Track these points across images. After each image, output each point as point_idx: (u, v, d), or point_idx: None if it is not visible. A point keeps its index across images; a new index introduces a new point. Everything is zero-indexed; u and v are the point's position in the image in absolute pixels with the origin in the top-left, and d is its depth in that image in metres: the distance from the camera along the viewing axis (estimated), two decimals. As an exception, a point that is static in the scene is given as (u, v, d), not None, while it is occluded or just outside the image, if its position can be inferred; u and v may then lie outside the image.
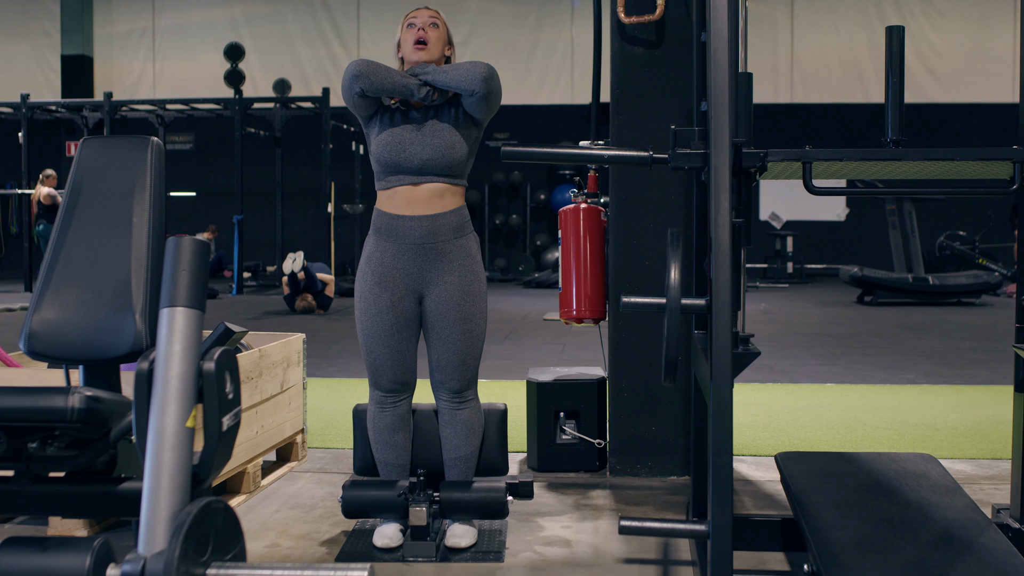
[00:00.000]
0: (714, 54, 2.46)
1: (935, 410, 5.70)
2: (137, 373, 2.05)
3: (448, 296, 3.26)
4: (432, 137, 3.23)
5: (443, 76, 3.22)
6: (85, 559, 1.98)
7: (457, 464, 3.35)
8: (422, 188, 3.24)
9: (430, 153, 3.22)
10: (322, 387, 6.43)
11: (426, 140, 3.23)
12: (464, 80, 3.19)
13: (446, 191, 3.26)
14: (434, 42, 3.28)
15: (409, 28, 3.31)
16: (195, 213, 19.83)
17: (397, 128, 3.26)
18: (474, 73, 3.19)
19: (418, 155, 3.22)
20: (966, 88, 18.85)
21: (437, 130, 3.24)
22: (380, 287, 3.26)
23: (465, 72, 3.20)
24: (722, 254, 2.38)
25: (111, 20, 20.80)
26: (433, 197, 3.25)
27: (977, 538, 2.62)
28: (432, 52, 3.27)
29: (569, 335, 9.34)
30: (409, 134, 3.24)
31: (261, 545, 3.34)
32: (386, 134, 3.26)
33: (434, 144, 3.22)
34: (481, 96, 3.21)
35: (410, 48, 3.28)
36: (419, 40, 3.26)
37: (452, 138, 3.25)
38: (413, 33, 3.28)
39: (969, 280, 13.12)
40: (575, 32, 19.38)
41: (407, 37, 3.30)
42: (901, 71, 2.72)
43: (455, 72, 3.21)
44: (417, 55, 3.26)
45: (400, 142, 3.23)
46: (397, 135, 3.24)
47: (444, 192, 3.26)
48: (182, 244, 2.09)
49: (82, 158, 2.83)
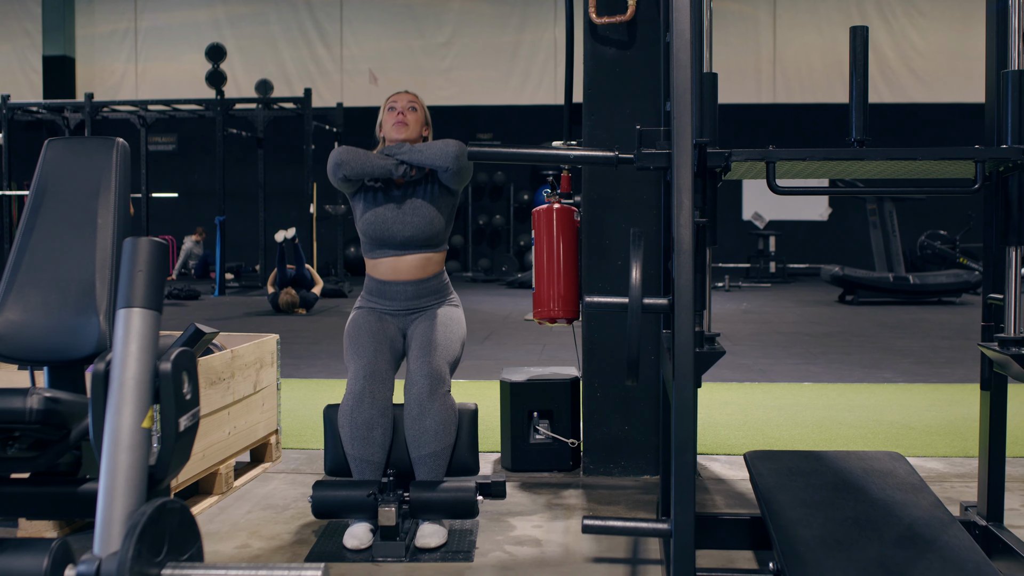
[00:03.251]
0: (676, 54, 2.47)
1: (911, 409, 5.73)
2: (93, 374, 2.04)
3: (429, 319, 3.58)
4: (412, 215, 3.54)
5: (418, 155, 3.54)
6: (43, 560, 1.98)
7: (427, 462, 3.33)
8: (405, 259, 3.57)
9: (411, 231, 3.54)
10: (299, 388, 6.43)
11: (407, 219, 3.54)
12: (438, 157, 3.52)
13: (428, 260, 3.60)
14: (413, 124, 3.62)
15: (390, 111, 3.63)
16: (177, 214, 19.78)
17: (380, 207, 3.56)
18: (446, 151, 3.51)
19: (400, 233, 3.54)
20: (947, 88, 18.96)
21: (416, 207, 3.55)
22: (370, 314, 3.60)
23: (438, 150, 3.52)
24: (684, 253, 2.39)
25: (93, 21, 20.74)
26: (416, 267, 3.59)
27: (940, 536, 2.64)
28: (411, 131, 3.61)
29: (549, 335, 9.35)
30: (391, 213, 3.54)
31: (231, 546, 3.33)
32: (370, 213, 3.57)
33: (414, 223, 3.54)
34: (454, 171, 3.53)
35: (390, 127, 3.61)
36: (399, 121, 3.59)
37: (430, 214, 3.56)
38: (393, 116, 3.61)
39: (949, 279, 13.19)
40: (558, 33, 19.40)
41: (388, 119, 3.63)
42: (865, 71, 2.73)
43: (429, 151, 3.53)
44: (397, 133, 3.59)
45: (383, 221, 3.54)
46: (380, 214, 3.55)
47: (426, 262, 3.60)
48: (138, 245, 2.09)
49: (47, 159, 2.83)
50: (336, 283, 14.74)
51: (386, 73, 20.10)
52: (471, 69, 20.07)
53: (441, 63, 20.15)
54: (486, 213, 19.94)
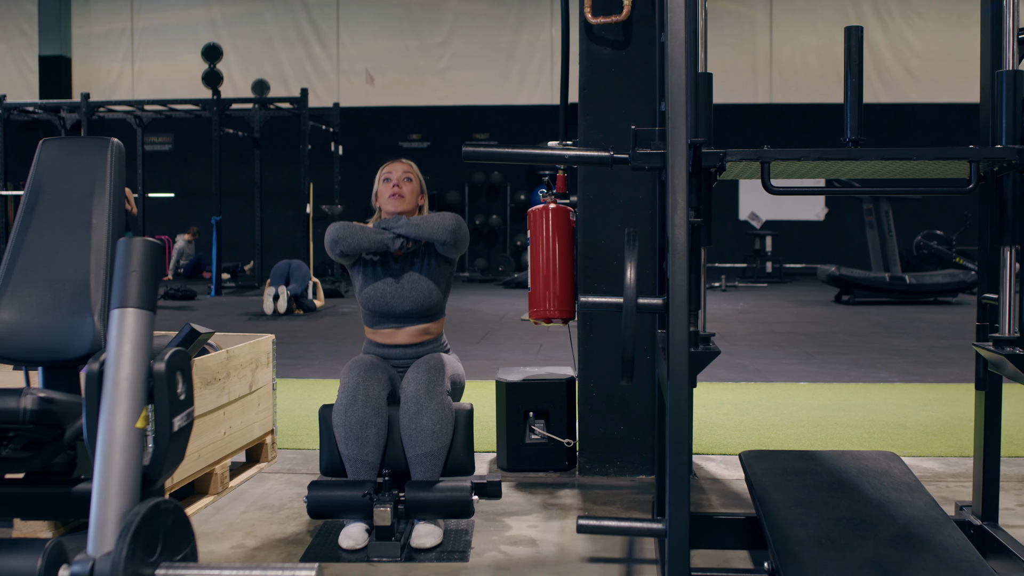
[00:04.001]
0: (671, 54, 2.47)
1: (906, 408, 5.73)
2: (87, 374, 2.04)
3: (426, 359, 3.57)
4: (410, 290, 3.58)
5: (415, 229, 3.55)
6: (37, 560, 1.97)
7: (423, 461, 3.33)
8: (405, 330, 3.63)
9: (411, 305, 3.58)
10: (295, 388, 6.42)
11: (405, 293, 3.57)
12: (435, 231, 3.53)
13: (426, 329, 3.66)
14: (408, 194, 3.64)
15: (385, 182, 3.66)
16: (174, 214, 19.77)
17: (379, 281, 3.60)
18: (443, 225, 3.54)
19: (399, 307, 3.58)
20: (944, 88, 18.97)
21: (415, 280, 3.59)
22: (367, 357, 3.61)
23: (435, 224, 3.54)
24: (678, 253, 2.39)
25: (89, 20, 20.71)
26: (414, 336, 3.65)
27: (935, 535, 2.64)
28: (407, 203, 3.63)
29: (546, 335, 9.35)
30: (390, 288, 3.58)
31: (226, 546, 3.33)
32: (369, 288, 3.60)
33: (413, 297, 3.58)
34: (451, 244, 3.56)
35: (386, 199, 3.64)
36: (395, 193, 3.62)
37: (428, 288, 3.59)
38: (389, 188, 3.64)
39: (946, 279, 13.20)
40: (555, 32, 19.40)
41: (383, 190, 3.65)
42: (859, 72, 2.74)
43: (426, 224, 3.54)
44: (393, 206, 3.62)
45: (382, 296, 3.58)
46: (379, 289, 3.59)
47: (424, 331, 3.66)
48: (132, 245, 2.08)
49: (42, 159, 2.82)
50: (333, 283, 14.73)
51: (383, 73, 20.10)
52: (468, 69, 20.06)
53: (438, 63, 20.14)
54: (483, 213, 19.94)
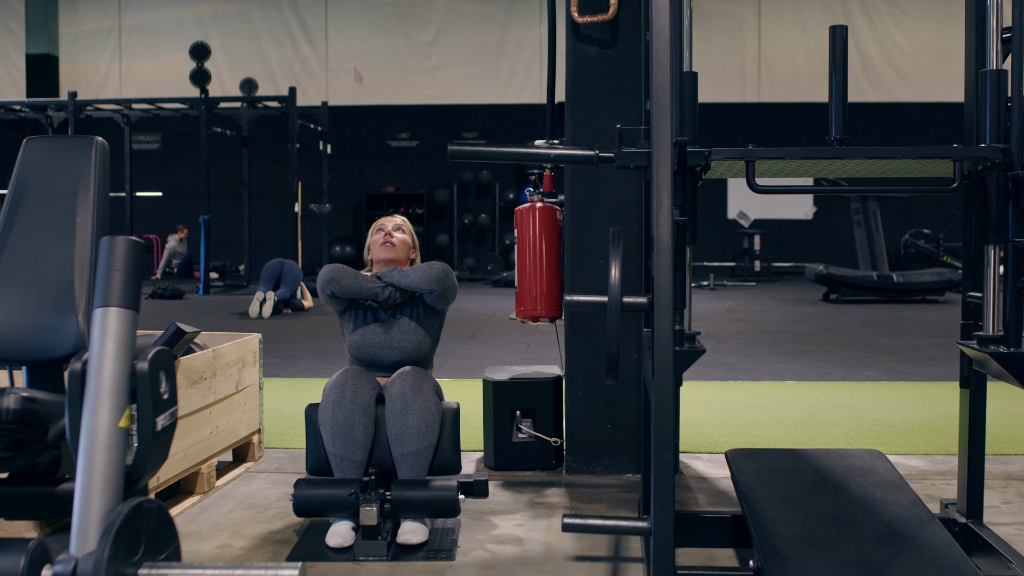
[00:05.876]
0: (656, 53, 2.47)
1: (893, 406, 5.75)
2: (69, 373, 2.03)
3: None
4: (400, 340, 3.61)
5: (404, 278, 3.60)
6: (20, 560, 1.96)
7: (409, 460, 3.33)
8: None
9: (399, 356, 3.61)
10: (282, 387, 6.41)
11: (394, 344, 3.61)
12: (423, 281, 3.58)
13: None
14: (400, 244, 3.73)
15: (378, 232, 3.76)
16: (161, 213, 19.72)
17: (367, 329, 3.62)
18: (431, 274, 3.59)
19: (388, 357, 3.61)
20: (931, 87, 19.03)
21: (403, 331, 3.62)
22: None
23: (423, 274, 3.59)
24: (663, 252, 2.39)
25: (76, 19, 20.64)
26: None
27: (919, 533, 2.65)
28: (398, 252, 3.71)
29: (534, 334, 9.35)
30: (379, 338, 3.61)
31: (212, 546, 3.32)
32: (357, 336, 3.62)
33: (401, 348, 3.61)
34: (439, 294, 3.61)
35: (378, 247, 3.72)
36: (386, 242, 3.71)
37: (417, 338, 3.63)
38: (381, 237, 3.73)
39: (933, 278, 13.24)
40: (543, 31, 19.41)
41: (376, 240, 3.75)
42: (844, 71, 2.75)
43: (415, 274, 3.60)
44: (384, 253, 3.70)
45: (371, 346, 3.61)
46: (368, 338, 3.61)
47: None
48: (115, 244, 2.08)
49: (26, 158, 2.81)
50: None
51: (371, 72, 20.08)
52: (456, 68, 20.05)
53: (426, 62, 20.13)
54: (471, 212, 19.94)
